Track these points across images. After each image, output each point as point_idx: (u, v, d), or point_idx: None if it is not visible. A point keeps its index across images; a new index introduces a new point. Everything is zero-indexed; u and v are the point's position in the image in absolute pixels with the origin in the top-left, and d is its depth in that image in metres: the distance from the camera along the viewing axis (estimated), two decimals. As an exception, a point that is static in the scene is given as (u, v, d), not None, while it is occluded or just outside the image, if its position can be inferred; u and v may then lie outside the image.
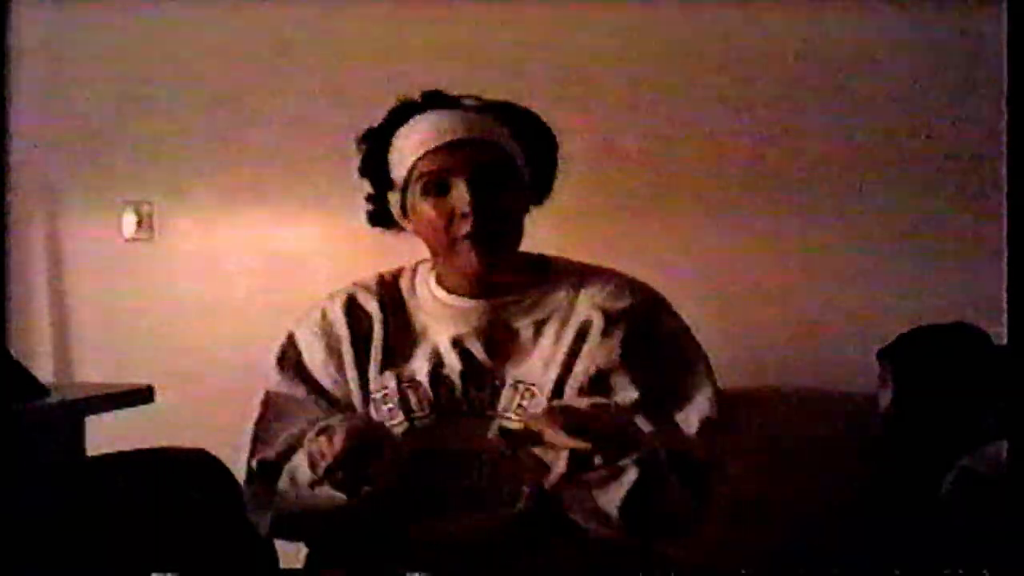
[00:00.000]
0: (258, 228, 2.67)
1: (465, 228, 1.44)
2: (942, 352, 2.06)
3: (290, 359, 1.54)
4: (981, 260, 2.30)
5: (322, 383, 1.53)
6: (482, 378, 1.50)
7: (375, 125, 1.54)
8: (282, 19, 2.62)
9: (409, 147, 1.48)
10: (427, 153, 1.46)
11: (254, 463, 1.46)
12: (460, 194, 1.44)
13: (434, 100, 1.51)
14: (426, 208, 1.47)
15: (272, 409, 1.51)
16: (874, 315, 2.35)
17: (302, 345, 1.55)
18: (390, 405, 1.50)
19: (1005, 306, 2.07)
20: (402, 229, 1.55)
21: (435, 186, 1.46)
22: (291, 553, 1.59)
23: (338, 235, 2.58)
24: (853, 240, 2.40)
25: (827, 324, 2.39)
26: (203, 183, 2.68)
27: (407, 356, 1.52)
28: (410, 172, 1.48)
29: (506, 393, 1.48)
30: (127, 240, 2.72)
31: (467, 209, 1.43)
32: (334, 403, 1.51)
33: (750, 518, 2.28)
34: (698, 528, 1.42)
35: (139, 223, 2.71)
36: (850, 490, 2.27)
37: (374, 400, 1.51)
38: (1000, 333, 2.07)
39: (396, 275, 1.60)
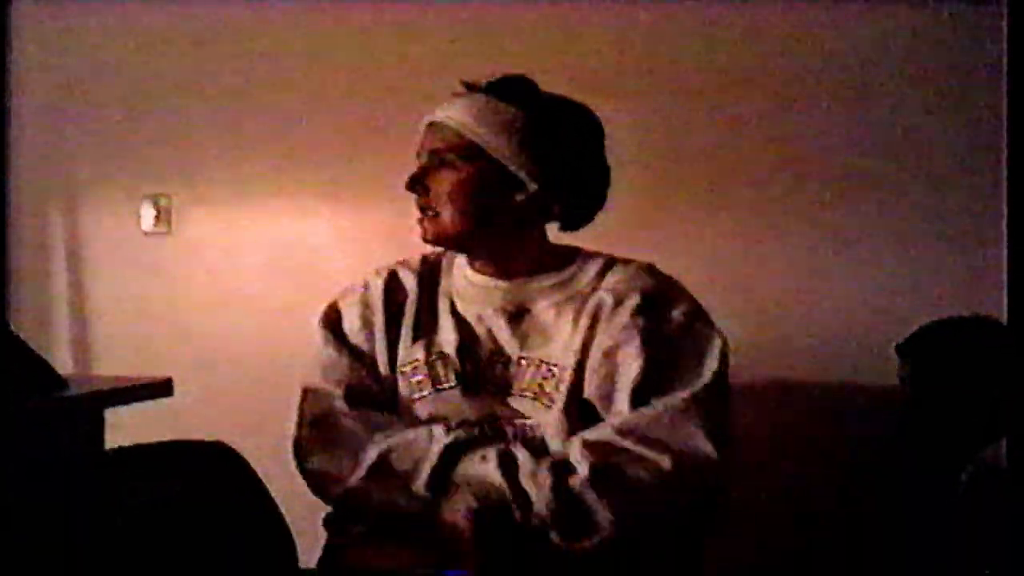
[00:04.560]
0: (275, 220, 2.67)
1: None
2: (961, 345, 2.04)
3: (332, 321, 1.67)
4: (984, 256, 2.30)
5: (357, 348, 1.63)
6: (503, 356, 1.56)
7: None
8: (296, 14, 2.62)
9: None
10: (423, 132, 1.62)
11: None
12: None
13: (497, 86, 1.61)
14: None
15: (309, 404, 1.61)
16: (889, 308, 2.34)
17: (343, 311, 1.67)
18: (419, 376, 1.58)
19: (1006, 300, 2.07)
20: None
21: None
22: (307, 541, 1.61)
23: (354, 227, 2.59)
24: (865, 234, 2.39)
25: (842, 319, 2.38)
26: (221, 176, 2.69)
27: (437, 330, 1.61)
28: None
29: (526, 371, 1.53)
30: (145, 233, 2.73)
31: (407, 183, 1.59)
32: (367, 367, 1.61)
33: (765, 513, 2.28)
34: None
35: (157, 216, 2.72)
36: (868, 484, 2.26)
37: (403, 372, 1.60)
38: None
39: (440, 256, 1.71)
